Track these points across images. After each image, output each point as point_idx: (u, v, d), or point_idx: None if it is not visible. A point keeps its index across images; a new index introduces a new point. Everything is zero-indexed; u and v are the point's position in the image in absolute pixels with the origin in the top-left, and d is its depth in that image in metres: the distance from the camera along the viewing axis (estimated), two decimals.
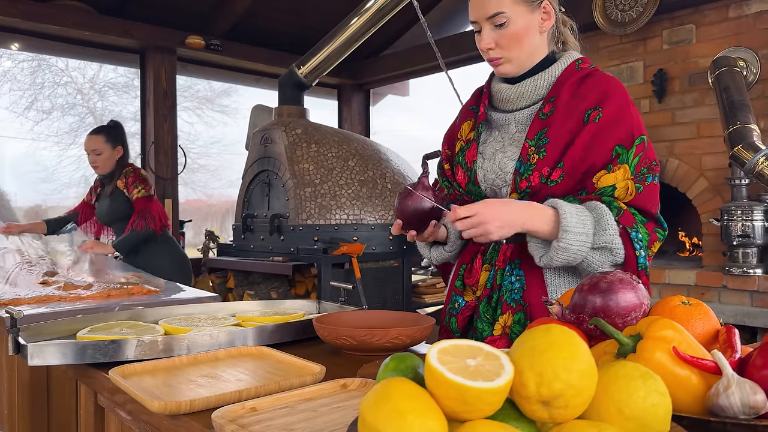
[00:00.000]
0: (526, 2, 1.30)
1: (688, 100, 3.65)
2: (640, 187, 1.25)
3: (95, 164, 3.21)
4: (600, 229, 1.20)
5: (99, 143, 3.16)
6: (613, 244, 1.20)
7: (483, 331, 1.36)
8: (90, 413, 1.26)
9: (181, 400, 0.88)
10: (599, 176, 1.26)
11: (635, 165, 1.25)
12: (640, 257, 1.21)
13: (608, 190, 1.25)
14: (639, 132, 1.27)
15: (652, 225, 1.26)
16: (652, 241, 1.25)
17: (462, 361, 0.58)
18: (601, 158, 1.26)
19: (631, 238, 1.21)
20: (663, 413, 0.60)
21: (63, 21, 4.00)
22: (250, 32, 4.85)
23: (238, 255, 4.06)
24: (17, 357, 1.45)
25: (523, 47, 1.32)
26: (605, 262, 1.22)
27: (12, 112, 8.45)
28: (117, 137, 3.20)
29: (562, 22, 1.41)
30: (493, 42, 1.31)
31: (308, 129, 3.87)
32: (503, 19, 1.29)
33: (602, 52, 4.00)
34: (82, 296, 2.07)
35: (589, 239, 1.20)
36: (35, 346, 1.11)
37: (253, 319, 1.47)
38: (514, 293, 1.32)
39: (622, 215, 1.22)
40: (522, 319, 1.30)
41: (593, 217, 1.22)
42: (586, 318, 0.82)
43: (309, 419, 0.84)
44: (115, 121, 3.30)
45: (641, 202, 1.25)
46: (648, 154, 1.28)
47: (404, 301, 3.91)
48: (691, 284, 3.47)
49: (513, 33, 1.30)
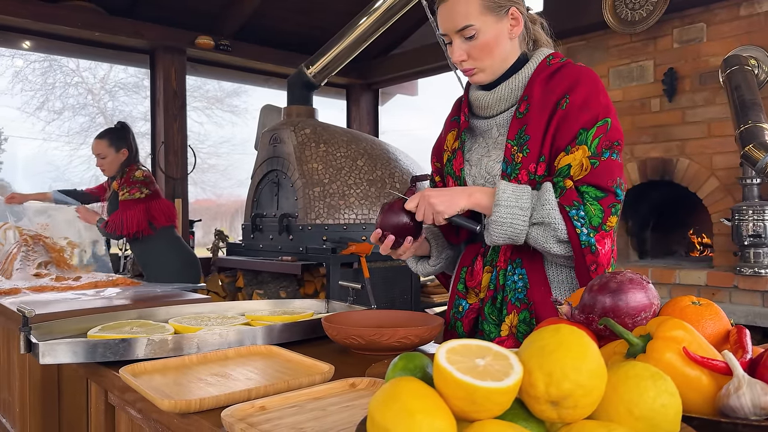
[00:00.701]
0: (493, 12, 1.32)
1: (699, 100, 3.63)
2: (595, 162, 1.25)
3: (101, 167, 3.25)
4: (539, 205, 1.23)
5: (103, 147, 3.19)
6: (550, 218, 1.22)
7: (490, 333, 1.37)
8: (100, 411, 1.27)
9: (191, 399, 0.88)
10: (559, 158, 1.28)
11: (595, 146, 1.25)
12: (581, 235, 1.22)
13: (564, 170, 1.26)
14: (605, 115, 1.27)
15: (610, 200, 1.25)
16: (606, 216, 1.24)
17: (471, 361, 0.58)
18: (564, 142, 1.27)
19: (570, 216, 1.22)
20: (673, 414, 0.59)
21: (73, 21, 4.03)
22: (259, 32, 4.86)
23: (248, 254, 4.08)
24: (29, 355, 1.46)
25: (495, 56, 1.35)
26: (548, 237, 1.24)
27: (24, 113, 8.52)
28: (121, 140, 3.21)
29: (531, 21, 1.43)
30: (464, 54, 1.34)
31: (317, 129, 3.88)
32: (472, 32, 1.31)
33: (612, 51, 3.98)
34: (72, 286, 2.33)
35: (525, 213, 1.23)
36: (46, 345, 1.12)
37: (262, 318, 1.48)
38: (517, 292, 1.33)
39: (563, 195, 1.23)
40: (527, 317, 1.31)
41: (535, 194, 1.25)
42: (596, 318, 0.81)
43: (318, 418, 0.84)
44: (122, 122, 3.31)
45: (595, 177, 1.24)
46: (610, 135, 1.27)
47: (413, 300, 3.91)
48: (701, 284, 3.45)
49: (483, 43, 1.32)
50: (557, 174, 1.27)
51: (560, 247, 1.24)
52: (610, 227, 1.25)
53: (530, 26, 1.41)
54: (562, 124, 1.27)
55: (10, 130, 9.31)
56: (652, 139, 3.81)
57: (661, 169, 3.76)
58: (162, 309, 1.54)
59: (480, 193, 1.28)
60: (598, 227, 1.23)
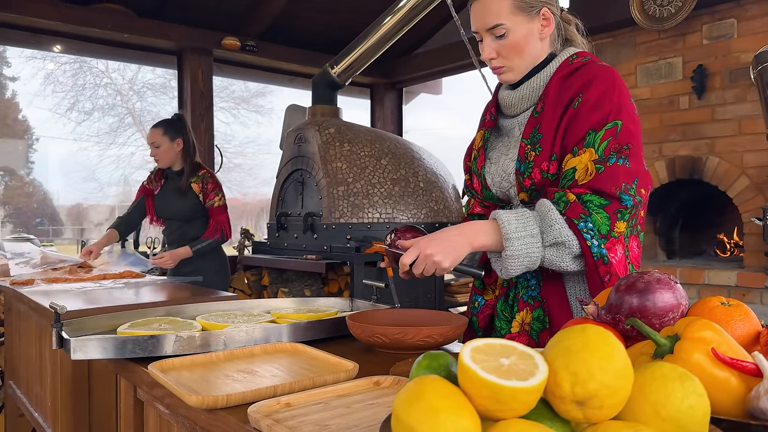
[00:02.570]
0: (524, 12, 1.31)
1: (729, 97, 3.56)
2: (600, 168, 1.21)
3: (156, 157, 3.21)
4: (546, 227, 1.21)
5: (157, 136, 3.17)
6: (563, 237, 1.20)
7: (501, 329, 1.38)
8: (129, 407, 1.29)
9: (218, 395, 0.90)
10: (566, 160, 1.26)
11: (602, 150, 1.22)
12: (593, 247, 1.20)
13: (569, 173, 1.24)
14: (616, 116, 1.24)
15: (615, 206, 1.21)
16: (613, 222, 1.21)
17: (495, 360, 0.58)
18: (572, 142, 1.25)
19: (579, 229, 1.19)
20: (701, 415, 0.59)
21: (103, 24, 4.10)
22: (285, 33, 4.89)
23: (273, 253, 4.11)
24: (60, 351, 1.49)
25: (524, 56, 1.34)
26: (564, 256, 1.22)
27: (55, 113, 8.69)
28: (177, 130, 3.19)
29: (566, 21, 1.41)
30: (494, 52, 1.34)
31: (341, 128, 3.89)
32: (502, 31, 1.31)
33: (639, 48, 3.92)
34: (84, 277, 2.57)
35: (536, 240, 1.21)
36: (78, 341, 1.15)
37: (287, 316, 1.49)
38: (530, 290, 1.33)
39: (568, 208, 1.20)
40: (540, 315, 1.31)
41: (538, 216, 1.22)
42: (623, 318, 0.81)
43: (343, 415, 0.85)
44: (179, 114, 3.31)
45: (598, 183, 1.21)
46: (620, 138, 1.23)
47: (436, 300, 3.90)
48: (731, 285, 3.38)
49: (513, 43, 1.32)
50: (563, 177, 1.25)
51: (576, 263, 1.23)
52: (619, 233, 1.23)
53: (563, 26, 1.40)
54: (572, 123, 1.26)
55: (42, 131, 9.50)
56: (680, 137, 3.75)
57: (690, 167, 3.70)
58: (190, 306, 1.56)
59: (482, 236, 1.24)
60: (607, 235, 1.21)
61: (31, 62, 8.11)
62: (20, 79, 8.46)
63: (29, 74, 7.81)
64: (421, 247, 1.22)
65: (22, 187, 10.96)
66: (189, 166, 3.22)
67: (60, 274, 2.64)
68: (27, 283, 2.39)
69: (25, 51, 5.78)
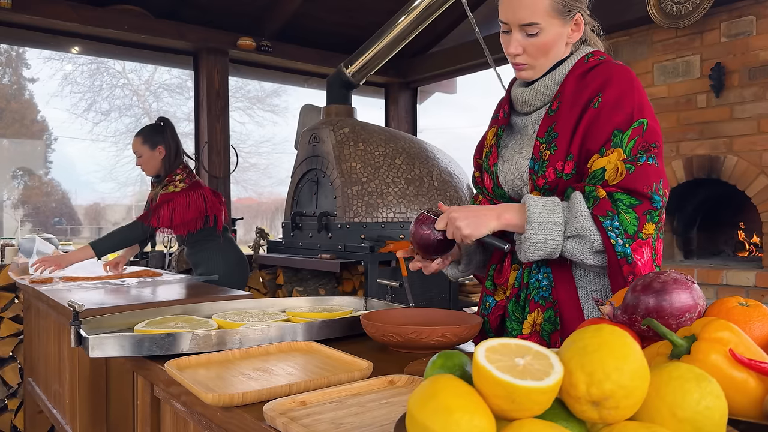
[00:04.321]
0: (560, 15, 1.30)
1: (748, 95, 3.51)
2: (631, 168, 1.21)
3: (140, 167, 3.02)
4: (571, 217, 1.21)
5: (137, 146, 2.96)
6: (585, 230, 1.19)
7: (513, 330, 1.38)
8: (146, 404, 1.31)
9: (234, 393, 0.90)
10: (593, 160, 1.25)
11: (630, 148, 1.22)
12: (617, 246, 1.19)
13: (598, 173, 1.23)
14: (639, 115, 1.24)
15: (645, 207, 1.21)
16: (641, 224, 1.20)
17: (510, 360, 0.57)
18: (597, 143, 1.24)
19: (605, 227, 1.19)
20: (718, 417, 0.58)
21: (120, 25, 4.14)
22: (300, 33, 4.91)
23: (288, 252, 4.13)
24: (79, 349, 1.51)
25: (549, 57, 1.34)
26: (584, 249, 1.21)
27: (72, 114, 8.79)
28: (157, 136, 2.96)
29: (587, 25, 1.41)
30: (521, 48, 1.33)
31: (356, 128, 3.90)
32: (536, 30, 1.30)
33: (656, 46, 3.88)
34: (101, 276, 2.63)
35: (559, 228, 1.21)
36: (96, 339, 1.16)
37: (302, 315, 1.50)
38: (542, 291, 1.32)
39: (597, 204, 1.20)
40: (552, 316, 1.30)
41: (565, 205, 1.22)
42: (639, 318, 0.80)
43: (357, 414, 0.85)
44: (163, 118, 3.05)
45: (631, 182, 1.21)
46: (647, 137, 1.23)
47: (450, 299, 3.90)
48: (750, 285, 3.34)
49: (542, 43, 1.31)
50: (591, 177, 1.25)
51: (597, 258, 1.22)
52: (647, 235, 1.22)
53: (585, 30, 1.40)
54: (595, 124, 1.25)
55: (60, 131, 9.62)
56: (698, 136, 3.71)
57: (707, 166, 3.66)
58: (206, 305, 1.57)
59: (510, 213, 1.26)
60: (634, 236, 1.20)
61: (49, 63, 8.22)
62: (39, 81, 8.59)
63: (47, 75, 7.91)
64: (451, 216, 1.26)
65: (41, 186, 11.10)
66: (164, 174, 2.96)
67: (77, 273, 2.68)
68: (46, 282, 2.43)
69: (43, 52, 5.85)
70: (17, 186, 9.10)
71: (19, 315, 3.25)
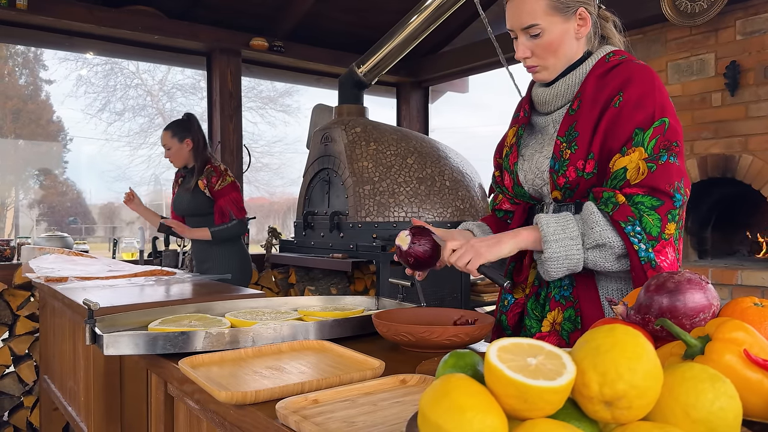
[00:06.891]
0: (560, 12, 1.30)
1: (763, 93, 3.48)
2: (653, 167, 1.21)
3: (169, 158, 3.32)
4: (588, 229, 1.21)
5: (167, 139, 3.26)
6: (604, 239, 1.20)
7: (531, 328, 1.38)
8: (160, 402, 1.32)
9: (247, 391, 0.91)
10: (614, 160, 1.24)
11: (652, 147, 1.22)
12: (640, 251, 1.19)
13: (620, 173, 1.23)
14: (661, 115, 1.24)
15: (667, 207, 1.21)
16: (664, 224, 1.20)
17: (522, 360, 0.57)
18: (619, 142, 1.24)
19: (627, 233, 1.19)
20: (732, 417, 0.58)
21: (134, 25, 4.17)
22: (312, 33, 4.92)
23: (300, 251, 4.14)
24: (93, 346, 1.52)
25: (559, 55, 1.33)
26: (607, 257, 1.22)
27: (87, 114, 8.86)
28: (184, 130, 3.25)
29: (603, 18, 1.40)
30: (528, 51, 1.34)
31: (367, 127, 3.90)
32: (537, 31, 1.30)
33: (670, 45, 3.85)
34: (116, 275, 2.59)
35: (576, 242, 1.21)
36: (110, 337, 1.17)
37: (314, 314, 1.50)
38: (563, 290, 1.32)
39: (617, 210, 1.20)
40: (572, 315, 1.30)
41: (580, 219, 1.23)
42: (652, 319, 0.80)
43: (369, 413, 0.85)
44: (189, 113, 3.35)
45: (653, 181, 1.20)
46: (668, 135, 1.23)
47: (462, 299, 3.89)
48: (765, 286, 3.31)
49: (547, 42, 1.31)
50: (613, 177, 1.24)
51: (620, 264, 1.23)
52: (669, 235, 1.22)
53: (600, 23, 1.39)
54: (616, 123, 1.25)
55: (75, 131, 9.71)
56: (712, 135, 3.68)
57: (722, 165, 3.63)
58: (219, 303, 1.58)
59: (525, 232, 1.27)
60: (657, 237, 1.20)
61: (65, 64, 8.29)
62: (55, 82, 8.66)
63: (62, 76, 7.98)
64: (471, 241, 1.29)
65: (56, 186, 11.21)
66: (200, 163, 3.27)
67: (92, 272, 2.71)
68: (61, 280, 2.45)
69: (58, 53, 5.91)
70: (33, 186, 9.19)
71: (35, 313, 3.29)
